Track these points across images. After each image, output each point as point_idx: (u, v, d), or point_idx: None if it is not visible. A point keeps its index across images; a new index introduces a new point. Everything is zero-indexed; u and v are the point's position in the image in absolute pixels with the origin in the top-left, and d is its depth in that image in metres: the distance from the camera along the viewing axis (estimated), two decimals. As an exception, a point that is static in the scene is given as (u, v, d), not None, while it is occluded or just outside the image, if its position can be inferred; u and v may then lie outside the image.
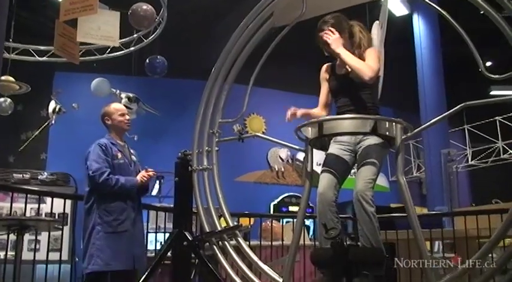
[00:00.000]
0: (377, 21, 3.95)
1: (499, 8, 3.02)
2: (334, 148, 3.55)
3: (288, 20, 3.91)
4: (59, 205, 5.25)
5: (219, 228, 3.78)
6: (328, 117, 3.28)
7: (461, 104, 2.99)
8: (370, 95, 3.58)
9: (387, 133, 3.12)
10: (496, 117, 12.08)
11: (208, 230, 3.84)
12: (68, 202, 5.54)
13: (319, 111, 3.84)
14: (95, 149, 4.52)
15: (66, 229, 6.68)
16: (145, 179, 4.63)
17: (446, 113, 3.11)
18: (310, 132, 3.24)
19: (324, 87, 3.85)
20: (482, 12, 3.06)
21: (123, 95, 8.48)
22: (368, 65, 3.45)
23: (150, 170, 4.70)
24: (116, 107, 4.87)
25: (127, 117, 4.81)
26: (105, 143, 4.58)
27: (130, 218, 4.48)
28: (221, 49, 4.13)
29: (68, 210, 5.47)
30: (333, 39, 3.53)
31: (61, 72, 10.72)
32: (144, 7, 7.13)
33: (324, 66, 3.86)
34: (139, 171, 4.77)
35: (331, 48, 3.53)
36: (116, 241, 4.36)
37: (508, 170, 12.67)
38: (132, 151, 4.88)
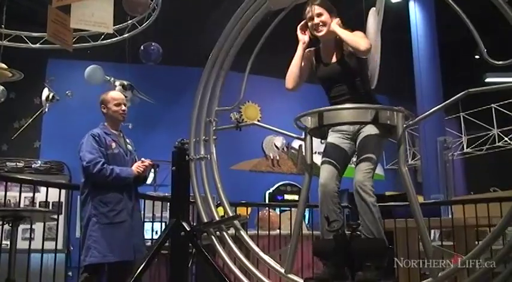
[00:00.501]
0: (373, 8, 3.89)
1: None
2: (333, 137, 3.51)
3: (284, 3, 3.84)
4: (53, 194, 5.20)
5: (217, 218, 3.74)
6: (328, 107, 3.23)
7: (465, 91, 2.94)
8: (362, 82, 3.53)
9: (388, 122, 3.08)
10: (492, 105, 12.06)
11: (205, 220, 3.80)
12: (63, 191, 5.47)
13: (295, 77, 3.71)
14: (88, 140, 4.44)
15: (61, 218, 6.64)
16: (141, 169, 4.55)
17: (449, 100, 3.05)
18: (309, 122, 3.20)
19: (305, 65, 3.74)
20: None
21: (117, 83, 8.41)
22: (362, 37, 3.42)
23: (146, 160, 4.63)
24: (113, 95, 4.77)
25: (123, 107, 4.69)
26: (98, 133, 4.49)
27: (128, 209, 4.42)
28: (217, 35, 4.06)
29: (62, 198, 5.39)
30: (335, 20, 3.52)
31: (54, 59, 10.61)
32: (138, -7, 7.03)
33: (308, 51, 3.74)
34: (136, 161, 4.70)
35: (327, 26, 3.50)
36: (112, 232, 4.31)
37: (503, 158, 12.67)
38: (128, 140, 4.79)
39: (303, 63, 3.72)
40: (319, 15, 3.56)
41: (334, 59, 3.60)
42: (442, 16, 10.54)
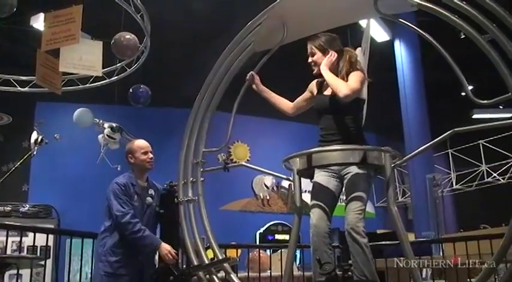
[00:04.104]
0: (359, 48, 3.96)
1: (482, 32, 3.04)
2: (320, 176, 3.50)
3: (269, 44, 3.91)
4: (41, 238, 5.13)
5: (206, 261, 3.70)
6: (316, 149, 3.25)
7: (451, 131, 2.98)
8: (353, 119, 3.55)
9: (376, 162, 3.10)
10: (479, 141, 12.15)
11: (195, 263, 3.76)
12: (51, 235, 5.41)
13: (286, 104, 3.94)
14: (115, 190, 4.30)
15: (49, 262, 6.54)
16: (168, 257, 4.17)
17: (435, 140, 3.09)
18: (298, 163, 3.21)
19: (306, 96, 3.88)
20: (462, 36, 3.08)
21: (106, 125, 8.38)
22: (346, 84, 3.45)
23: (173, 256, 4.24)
24: (139, 144, 4.63)
25: (150, 155, 4.56)
26: (124, 183, 4.35)
27: (134, 264, 4.27)
28: (204, 77, 4.11)
29: (50, 242, 5.32)
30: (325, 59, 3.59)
31: (43, 102, 10.63)
32: (127, 36, 7.09)
33: (314, 81, 3.84)
34: (156, 213, 4.49)
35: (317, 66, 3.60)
36: None
37: (492, 194, 12.71)
38: (151, 192, 4.52)
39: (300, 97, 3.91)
40: (312, 54, 3.69)
41: (329, 92, 3.64)
42: (427, 54, 10.68)
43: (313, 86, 3.84)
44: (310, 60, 3.70)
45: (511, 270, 2.78)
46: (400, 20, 3.49)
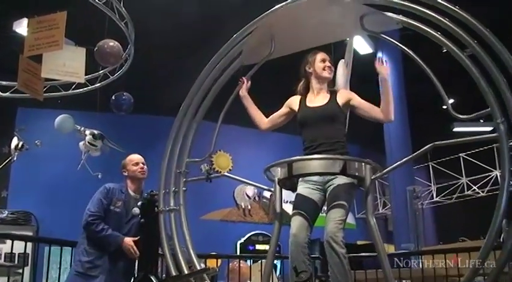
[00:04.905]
0: (342, 60, 3.99)
1: (463, 47, 3.09)
2: (303, 188, 3.51)
3: (256, 58, 3.94)
4: (19, 245, 5.08)
5: (186, 271, 3.69)
6: (297, 157, 3.26)
7: (430, 144, 3.01)
8: (338, 130, 3.58)
9: (356, 173, 3.12)
10: (460, 154, 12.26)
11: (174, 273, 3.74)
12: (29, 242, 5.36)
13: (261, 119, 3.94)
14: (98, 192, 4.50)
15: (27, 270, 6.47)
16: (130, 251, 4.34)
17: (415, 154, 3.13)
18: (279, 172, 3.21)
19: (283, 111, 3.88)
20: (444, 50, 3.14)
21: (87, 132, 8.33)
22: None
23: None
24: (130, 157, 4.83)
25: (141, 165, 4.72)
26: (111, 188, 4.53)
27: (105, 266, 4.33)
28: (189, 86, 4.11)
29: (29, 250, 5.27)
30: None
31: (24, 108, 10.54)
32: (111, 44, 7.06)
33: (295, 97, 3.85)
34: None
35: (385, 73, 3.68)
36: None
37: (472, 207, 12.82)
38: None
39: (276, 113, 3.89)
40: (330, 62, 3.77)
41: (318, 104, 3.66)
42: (409, 67, 10.77)
43: (292, 102, 3.83)
44: (329, 64, 3.76)
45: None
46: (382, 35, 3.54)
